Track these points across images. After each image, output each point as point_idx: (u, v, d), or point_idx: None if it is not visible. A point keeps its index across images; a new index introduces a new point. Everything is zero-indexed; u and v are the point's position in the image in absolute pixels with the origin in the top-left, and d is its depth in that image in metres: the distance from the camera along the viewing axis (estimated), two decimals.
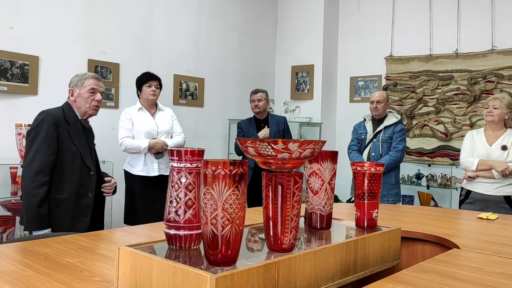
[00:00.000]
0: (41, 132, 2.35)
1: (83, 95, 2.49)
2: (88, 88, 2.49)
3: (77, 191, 2.40)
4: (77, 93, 2.50)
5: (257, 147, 1.17)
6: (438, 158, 5.13)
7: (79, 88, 2.50)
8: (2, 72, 3.61)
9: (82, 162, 2.45)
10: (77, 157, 2.44)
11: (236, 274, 0.97)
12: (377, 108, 4.01)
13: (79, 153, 2.45)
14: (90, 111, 2.54)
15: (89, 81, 2.51)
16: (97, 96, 2.53)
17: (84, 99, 2.49)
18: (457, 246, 1.72)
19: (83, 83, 2.50)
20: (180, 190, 1.21)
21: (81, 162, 2.45)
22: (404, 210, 2.74)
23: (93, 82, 2.52)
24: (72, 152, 2.42)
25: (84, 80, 2.51)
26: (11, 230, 3.35)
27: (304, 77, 5.84)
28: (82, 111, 2.52)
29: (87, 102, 2.50)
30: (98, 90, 2.54)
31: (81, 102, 2.50)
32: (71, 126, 2.45)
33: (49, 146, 2.34)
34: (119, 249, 1.16)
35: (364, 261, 1.39)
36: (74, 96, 2.51)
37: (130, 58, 4.48)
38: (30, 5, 3.78)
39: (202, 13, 5.19)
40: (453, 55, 5.07)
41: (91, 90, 2.50)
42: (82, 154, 2.46)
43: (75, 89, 2.51)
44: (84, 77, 2.52)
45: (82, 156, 2.46)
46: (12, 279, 1.24)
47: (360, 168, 1.57)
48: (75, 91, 2.51)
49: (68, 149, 2.41)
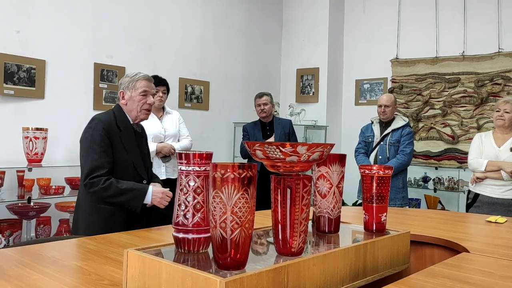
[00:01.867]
0: (95, 141, 2.19)
1: (134, 98, 2.28)
2: (140, 90, 2.27)
3: None
4: (129, 96, 2.28)
5: (266, 150, 1.16)
6: (445, 161, 5.11)
7: (131, 91, 2.28)
8: (9, 76, 3.63)
9: (134, 171, 2.27)
10: (130, 166, 2.26)
11: (245, 278, 0.96)
12: (385, 111, 3.99)
13: (132, 162, 2.27)
14: (142, 115, 2.32)
15: (142, 83, 2.29)
16: (149, 99, 2.31)
17: (135, 102, 2.28)
18: (467, 250, 1.70)
19: (135, 85, 2.28)
20: (189, 194, 1.21)
21: (133, 170, 2.27)
22: (412, 214, 2.72)
23: (145, 84, 2.29)
24: (124, 161, 2.24)
25: (136, 81, 2.28)
26: (18, 234, 3.35)
27: (309, 80, 5.83)
28: (133, 115, 2.31)
29: (138, 106, 2.28)
30: (150, 92, 2.32)
31: (132, 105, 2.29)
32: (123, 133, 2.27)
33: (105, 155, 2.17)
34: (127, 252, 1.16)
35: (373, 265, 1.38)
36: (125, 99, 2.29)
37: (136, 61, 4.49)
38: (37, 9, 3.80)
39: (208, 16, 5.20)
40: (459, 58, 5.05)
41: (143, 92, 2.28)
42: (135, 162, 2.28)
43: (126, 91, 2.29)
44: (135, 78, 2.30)
45: (134, 165, 2.27)
46: (20, 283, 1.24)
47: (368, 171, 1.56)
48: (126, 94, 2.29)
49: (120, 157, 2.22)
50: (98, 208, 2.21)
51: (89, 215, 2.23)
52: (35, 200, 3.51)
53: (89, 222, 2.23)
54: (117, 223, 2.18)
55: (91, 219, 2.23)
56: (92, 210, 2.23)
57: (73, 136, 4.02)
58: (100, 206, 2.20)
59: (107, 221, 2.19)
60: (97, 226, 2.16)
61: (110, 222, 2.18)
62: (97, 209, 2.21)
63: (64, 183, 3.72)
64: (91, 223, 2.22)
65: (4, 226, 3.30)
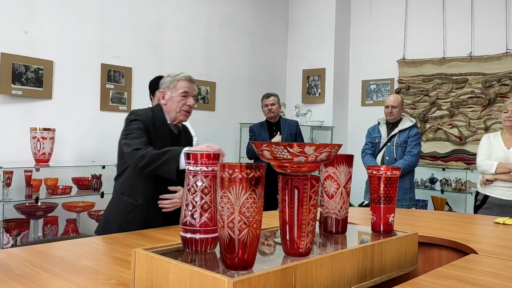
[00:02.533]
0: (132, 128, 2.14)
1: (174, 98, 2.23)
2: (181, 91, 2.22)
3: (151, 200, 2.15)
4: (169, 96, 2.24)
5: (273, 151, 1.16)
6: (452, 162, 5.08)
7: (171, 91, 2.24)
8: (17, 76, 3.65)
9: None
10: None
11: (253, 278, 0.96)
12: (392, 112, 3.97)
13: None
14: (181, 117, 2.27)
15: (183, 83, 2.23)
16: (189, 101, 2.25)
17: (175, 102, 2.23)
18: (475, 252, 1.69)
19: (176, 85, 2.23)
20: (196, 194, 1.21)
21: None
22: (419, 215, 2.71)
23: (186, 85, 2.24)
24: None
25: (178, 82, 2.24)
26: (25, 233, 3.37)
27: (316, 81, 5.82)
28: (172, 116, 2.26)
29: (177, 107, 2.23)
30: (190, 93, 2.26)
31: (171, 106, 2.24)
32: (157, 131, 2.23)
33: (144, 141, 2.11)
34: (135, 252, 1.16)
35: (381, 266, 1.37)
36: (165, 99, 2.25)
37: (143, 62, 4.50)
38: (44, 10, 3.82)
39: (214, 17, 5.21)
40: (467, 58, 5.02)
41: (183, 93, 2.23)
42: None
43: (167, 91, 2.25)
44: (177, 78, 2.25)
45: None
46: (29, 282, 1.24)
47: (376, 172, 1.56)
48: (166, 94, 2.25)
49: None
50: (120, 198, 2.18)
51: (111, 204, 2.23)
52: (43, 200, 3.53)
53: (108, 213, 2.23)
54: (135, 218, 2.14)
55: (112, 210, 2.23)
56: (115, 201, 2.22)
57: (80, 136, 4.05)
58: (122, 197, 2.18)
59: (126, 215, 2.16)
60: (115, 217, 2.16)
61: (129, 216, 2.15)
62: (119, 199, 2.18)
63: (71, 183, 3.74)
64: (110, 213, 2.22)
65: (11, 225, 3.32)
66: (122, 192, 2.18)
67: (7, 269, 1.36)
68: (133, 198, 2.16)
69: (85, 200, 3.80)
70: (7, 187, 3.31)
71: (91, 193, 3.72)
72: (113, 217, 2.20)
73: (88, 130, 4.11)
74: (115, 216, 2.19)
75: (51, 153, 3.56)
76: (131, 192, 2.17)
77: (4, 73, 3.57)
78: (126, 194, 2.17)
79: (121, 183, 2.22)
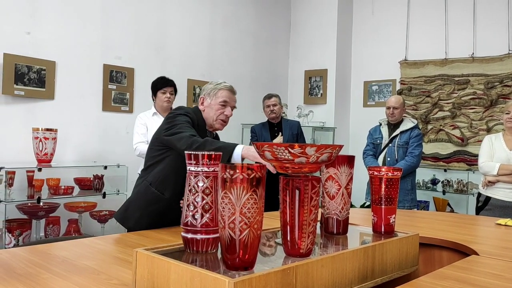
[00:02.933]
0: (182, 120, 2.13)
1: (213, 106, 2.24)
2: (220, 99, 2.23)
3: (176, 196, 2.15)
4: (208, 103, 2.25)
5: (274, 151, 1.16)
6: (454, 163, 5.07)
7: (211, 98, 2.24)
8: (20, 76, 3.66)
9: None
10: None
11: (254, 279, 0.96)
12: (394, 113, 3.97)
13: None
14: (217, 125, 2.27)
15: (223, 93, 2.24)
16: (227, 110, 2.26)
17: (213, 110, 2.24)
18: (476, 253, 1.69)
19: (217, 93, 2.24)
20: (197, 194, 1.21)
21: None
22: (421, 216, 2.71)
23: (226, 95, 2.25)
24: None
25: (218, 90, 2.25)
26: (27, 233, 3.38)
27: (318, 82, 5.83)
28: (208, 123, 2.27)
29: (215, 115, 2.24)
30: (230, 103, 2.27)
31: (209, 113, 2.25)
32: (198, 133, 2.19)
33: (192, 128, 2.12)
34: (136, 252, 1.16)
35: (382, 267, 1.37)
36: (204, 105, 2.26)
37: (145, 63, 4.51)
38: (47, 11, 3.83)
39: (216, 18, 5.21)
40: (469, 59, 5.02)
41: (223, 102, 2.23)
42: None
43: (207, 98, 2.26)
44: (218, 87, 2.26)
45: None
46: (30, 282, 1.25)
47: (377, 173, 1.56)
48: (205, 100, 2.26)
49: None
50: (148, 189, 2.16)
51: (137, 193, 2.21)
52: (45, 200, 3.53)
53: (132, 200, 2.20)
54: (156, 211, 2.14)
55: (136, 198, 2.20)
56: (141, 190, 2.19)
57: (82, 137, 4.06)
58: (150, 188, 2.16)
59: (149, 205, 2.14)
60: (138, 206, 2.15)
61: (152, 207, 2.14)
62: (146, 189, 2.16)
63: (73, 183, 3.75)
64: (133, 200, 2.20)
65: (13, 225, 3.32)
66: (151, 183, 2.17)
67: (9, 269, 1.36)
68: (161, 191, 2.16)
69: (87, 201, 3.81)
70: (10, 187, 3.32)
71: (93, 193, 3.72)
72: (135, 205, 2.19)
73: (90, 130, 4.12)
74: (138, 205, 2.18)
75: (53, 154, 3.57)
76: (159, 185, 2.16)
77: (6, 74, 3.59)
78: (155, 185, 2.16)
79: (151, 175, 2.20)
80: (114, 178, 3.90)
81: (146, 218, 2.12)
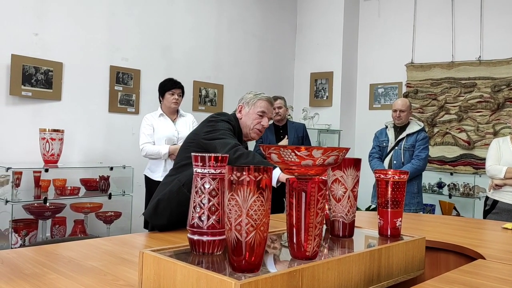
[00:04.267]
0: (225, 126, 2.17)
1: (251, 115, 2.27)
2: (258, 109, 2.26)
3: None
4: (246, 112, 2.28)
5: (281, 154, 1.16)
6: (460, 166, 5.05)
7: (250, 107, 2.28)
8: (27, 77, 3.69)
9: None
10: None
11: (260, 281, 0.96)
12: (400, 116, 3.95)
13: None
14: (252, 134, 2.31)
15: (262, 103, 2.28)
16: (264, 121, 2.29)
17: (250, 119, 2.28)
18: (482, 257, 1.68)
19: (256, 103, 2.27)
20: (204, 196, 1.21)
21: None
22: (427, 219, 2.70)
23: (265, 105, 2.28)
24: None
25: (258, 100, 2.28)
26: (34, 233, 3.40)
27: (323, 84, 5.82)
28: (244, 131, 2.31)
29: (252, 124, 2.28)
30: (267, 115, 2.31)
31: (246, 121, 2.29)
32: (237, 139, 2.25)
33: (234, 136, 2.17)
34: (142, 253, 1.17)
35: (388, 271, 1.37)
36: (242, 113, 2.30)
37: (151, 64, 4.53)
38: (54, 13, 3.86)
39: (222, 20, 5.23)
40: (476, 62, 5.00)
41: (261, 113, 2.27)
42: None
43: (245, 106, 2.29)
44: (258, 96, 2.29)
45: None
46: (37, 282, 1.25)
47: (383, 176, 1.55)
48: (244, 109, 2.29)
49: None
50: (180, 189, 2.14)
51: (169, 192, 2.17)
52: (51, 201, 3.55)
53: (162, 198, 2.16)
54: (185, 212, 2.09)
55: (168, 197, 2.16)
56: (173, 189, 2.16)
57: (88, 138, 4.08)
58: (182, 189, 2.13)
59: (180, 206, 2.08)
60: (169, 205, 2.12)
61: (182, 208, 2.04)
62: (179, 190, 2.14)
63: (79, 184, 3.76)
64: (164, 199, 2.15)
65: (20, 225, 3.34)
66: (184, 184, 2.14)
67: (16, 269, 1.37)
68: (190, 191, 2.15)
69: (93, 201, 3.82)
70: (16, 188, 3.34)
71: (99, 194, 3.74)
72: (167, 204, 2.15)
73: (96, 131, 4.14)
74: (169, 204, 2.14)
75: (59, 154, 3.59)
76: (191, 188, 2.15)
77: (14, 75, 3.61)
78: (187, 187, 2.13)
79: (184, 174, 2.17)
80: (120, 179, 3.91)
81: (175, 218, 2.09)
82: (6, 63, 3.60)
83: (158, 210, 2.15)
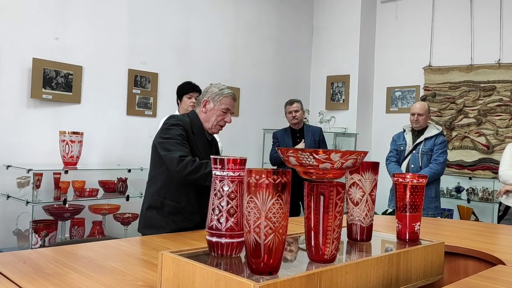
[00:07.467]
0: (174, 133, 2.20)
1: (216, 111, 2.30)
2: (223, 106, 2.30)
3: (192, 202, 2.23)
4: (211, 107, 2.30)
5: (299, 157, 1.17)
6: (479, 171, 4.98)
7: (215, 103, 2.30)
8: (48, 81, 3.76)
9: None
10: None
11: (279, 284, 0.97)
12: (418, 120, 3.92)
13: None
14: (214, 129, 2.34)
15: (227, 100, 2.31)
16: (227, 117, 2.34)
17: (214, 115, 2.30)
18: (502, 262, 1.66)
19: (221, 99, 2.30)
20: (223, 198, 1.22)
21: None
22: (445, 224, 2.67)
23: (230, 102, 2.32)
24: None
25: (223, 97, 2.30)
26: (53, 234, 3.45)
27: (340, 87, 5.80)
28: (207, 126, 2.33)
29: (215, 120, 2.31)
30: (231, 111, 2.35)
31: (210, 117, 2.31)
32: (196, 136, 2.30)
33: (186, 147, 2.20)
34: (162, 255, 1.18)
35: (406, 275, 1.36)
36: (207, 108, 2.31)
37: (169, 68, 4.58)
38: (75, 17, 3.93)
39: (239, 24, 5.25)
40: (495, 65, 4.93)
41: (225, 109, 2.31)
42: None
43: (211, 101, 2.31)
44: (224, 93, 2.31)
45: None
46: (58, 281, 1.28)
47: (402, 180, 1.55)
48: (209, 104, 2.31)
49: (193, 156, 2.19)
50: (164, 203, 2.22)
51: (155, 209, 2.25)
52: (70, 202, 3.61)
53: (153, 217, 2.24)
54: (179, 218, 2.21)
55: (157, 213, 2.24)
56: (157, 205, 2.23)
57: (107, 140, 4.14)
58: (166, 201, 2.22)
59: (172, 215, 2.21)
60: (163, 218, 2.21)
61: (174, 216, 2.21)
62: (163, 203, 2.22)
63: (98, 185, 3.81)
64: (155, 217, 2.23)
65: (40, 226, 3.40)
66: (165, 197, 2.23)
67: (38, 269, 1.40)
68: (176, 202, 2.22)
69: (111, 203, 3.87)
70: (37, 189, 3.40)
71: (117, 196, 3.78)
72: (160, 218, 2.22)
73: (114, 134, 4.19)
74: (163, 217, 2.22)
75: (79, 156, 3.64)
76: (174, 196, 2.23)
77: (35, 78, 3.68)
78: (170, 198, 2.23)
79: (161, 188, 2.25)
80: (138, 181, 3.95)
81: (172, 224, 2.18)
82: (27, 66, 3.67)
83: (153, 224, 2.22)
